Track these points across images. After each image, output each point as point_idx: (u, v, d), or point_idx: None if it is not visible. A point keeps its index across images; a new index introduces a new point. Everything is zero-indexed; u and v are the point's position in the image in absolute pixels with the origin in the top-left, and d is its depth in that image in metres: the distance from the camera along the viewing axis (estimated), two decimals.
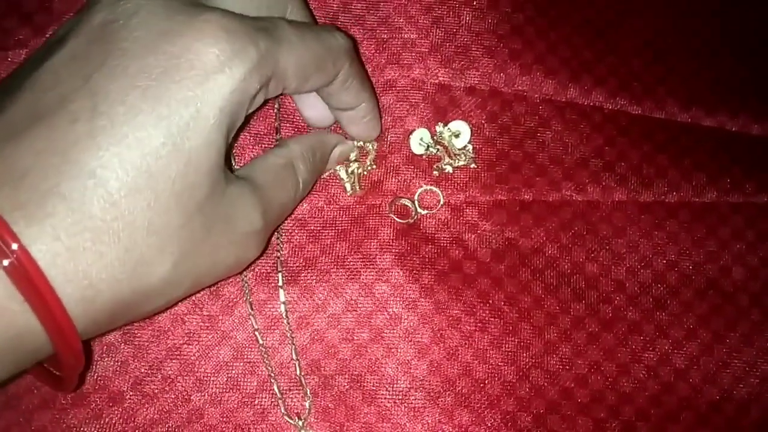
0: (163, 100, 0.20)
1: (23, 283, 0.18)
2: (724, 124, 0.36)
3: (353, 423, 0.29)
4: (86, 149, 0.19)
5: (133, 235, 0.20)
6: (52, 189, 0.19)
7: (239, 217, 0.24)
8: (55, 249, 0.19)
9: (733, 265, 0.33)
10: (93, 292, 0.20)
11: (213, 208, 0.22)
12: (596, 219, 0.33)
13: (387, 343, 0.30)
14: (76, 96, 0.20)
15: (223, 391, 0.29)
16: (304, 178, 0.28)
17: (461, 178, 0.32)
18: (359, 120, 0.30)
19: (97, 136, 0.19)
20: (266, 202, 0.25)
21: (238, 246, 0.24)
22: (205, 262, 0.23)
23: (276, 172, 0.27)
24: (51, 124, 0.19)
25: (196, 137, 0.21)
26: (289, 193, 0.27)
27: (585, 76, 0.35)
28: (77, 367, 0.21)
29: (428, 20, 0.33)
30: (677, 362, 0.32)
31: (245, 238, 0.25)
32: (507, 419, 0.30)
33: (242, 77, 0.21)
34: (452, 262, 0.31)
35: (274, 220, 0.27)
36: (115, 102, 0.20)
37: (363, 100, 0.29)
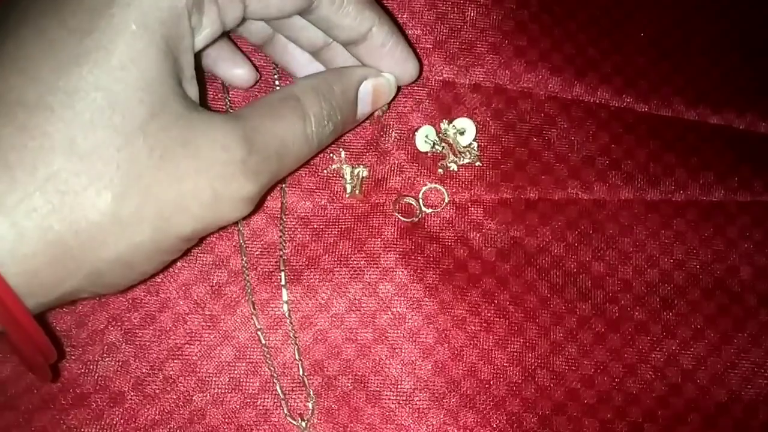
0: (72, 12, 0.19)
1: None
2: (731, 122, 0.35)
3: (357, 424, 0.29)
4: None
5: (51, 157, 0.18)
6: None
7: (206, 141, 0.21)
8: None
9: (740, 265, 0.33)
10: (15, 229, 0.18)
11: (163, 130, 0.20)
12: (603, 218, 0.33)
13: (391, 343, 0.30)
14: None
15: (225, 391, 0.29)
16: (315, 111, 0.24)
17: (466, 176, 0.32)
18: (379, 51, 0.26)
19: (2, 62, 0.18)
20: (253, 130, 0.22)
21: (212, 176, 0.21)
22: (166, 194, 0.20)
23: (270, 105, 0.24)
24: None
25: (115, 47, 0.19)
26: (291, 126, 0.24)
27: (591, 73, 0.34)
28: (29, 339, 0.19)
29: (432, 16, 0.33)
30: (684, 363, 0.31)
31: (221, 166, 0.21)
32: (512, 420, 0.30)
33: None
34: (457, 262, 0.31)
35: (268, 151, 0.23)
36: (20, 26, 0.19)
37: (370, 21, 0.25)
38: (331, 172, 0.31)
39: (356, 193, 0.31)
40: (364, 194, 0.31)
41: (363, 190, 0.31)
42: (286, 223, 0.31)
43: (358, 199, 0.31)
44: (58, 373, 0.28)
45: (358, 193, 0.31)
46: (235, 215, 0.23)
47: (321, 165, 0.31)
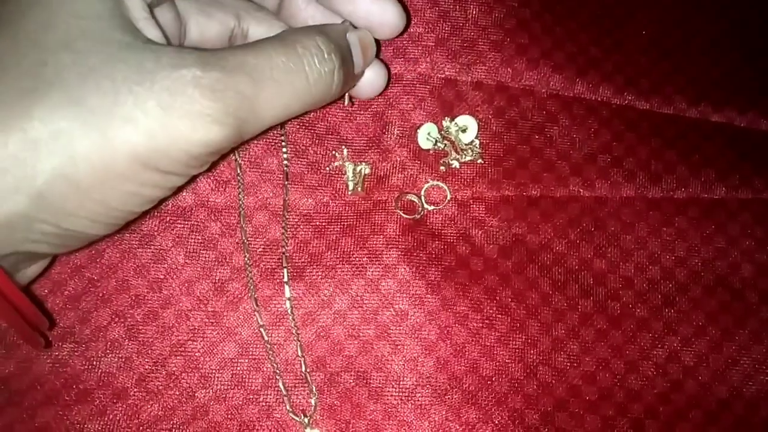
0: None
1: None
2: (732, 120, 0.36)
3: (359, 420, 0.29)
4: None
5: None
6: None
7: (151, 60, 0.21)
8: None
9: (742, 262, 0.33)
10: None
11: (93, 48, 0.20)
12: (604, 215, 0.33)
13: (393, 339, 0.30)
14: None
15: (228, 387, 0.29)
16: (311, 45, 0.24)
17: (468, 174, 0.32)
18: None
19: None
20: (212, 56, 0.22)
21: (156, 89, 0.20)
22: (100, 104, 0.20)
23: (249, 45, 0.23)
24: None
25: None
26: (273, 55, 0.23)
27: (592, 71, 0.34)
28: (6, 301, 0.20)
29: (434, 14, 0.33)
30: (686, 359, 0.31)
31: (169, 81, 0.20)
32: (514, 417, 0.30)
33: None
34: (459, 258, 0.31)
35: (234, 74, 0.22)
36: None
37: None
38: (333, 169, 0.31)
39: (358, 190, 0.31)
40: (366, 191, 0.31)
41: (365, 187, 0.31)
42: (288, 220, 0.31)
43: (360, 196, 0.31)
44: (49, 342, 0.28)
45: (360, 190, 0.31)
46: (198, 135, 0.21)
47: (323, 162, 0.31)
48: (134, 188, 0.22)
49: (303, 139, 0.31)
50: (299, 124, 0.32)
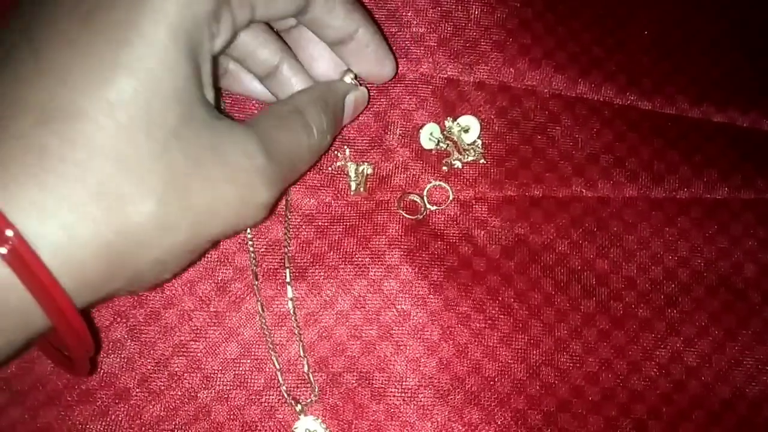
0: (105, 25, 0.19)
1: (17, 266, 0.17)
2: (735, 120, 0.35)
3: (361, 421, 0.29)
4: (33, 85, 0.19)
5: (101, 169, 0.19)
6: (3, 130, 0.18)
7: (232, 149, 0.22)
8: (18, 193, 0.18)
9: (744, 262, 0.33)
10: (69, 236, 0.18)
11: (194, 137, 0.21)
12: (607, 215, 0.33)
13: (396, 340, 0.30)
14: (19, 44, 0.19)
15: (230, 388, 0.29)
16: (317, 124, 0.26)
17: (470, 174, 0.32)
18: (363, 51, 0.28)
19: (42, 71, 0.19)
20: (268, 140, 0.23)
21: (239, 184, 0.22)
22: (201, 199, 0.21)
23: (280, 116, 0.25)
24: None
25: (148, 58, 0.19)
26: (299, 137, 0.25)
27: (595, 71, 0.34)
28: (80, 342, 0.20)
29: (437, 14, 0.33)
30: (689, 360, 0.31)
31: (246, 174, 0.22)
32: (517, 417, 0.30)
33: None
34: (461, 259, 0.31)
35: (283, 162, 0.24)
36: (55, 38, 0.19)
37: (357, 23, 0.27)
38: (335, 169, 0.31)
39: (361, 191, 0.31)
40: (369, 191, 0.31)
41: (367, 187, 0.31)
42: (290, 220, 0.31)
43: (363, 196, 0.31)
44: (96, 366, 0.28)
45: (362, 191, 0.31)
46: (255, 221, 0.24)
47: (326, 162, 0.31)
48: (195, 257, 0.24)
49: None
50: None
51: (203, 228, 0.22)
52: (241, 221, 0.23)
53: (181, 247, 0.22)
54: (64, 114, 0.18)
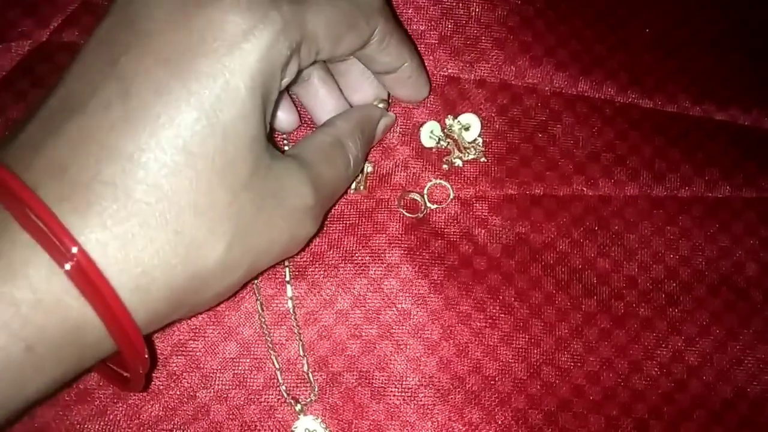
0: (190, 75, 0.20)
1: (83, 284, 0.18)
2: (736, 119, 0.35)
3: (361, 420, 0.29)
4: (122, 133, 0.19)
5: (180, 216, 0.20)
6: (94, 177, 0.19)
7: (288, 192, 0.23)
8: (104, 238, 0.19)
9: (746, 261, 0.33)
10: (147, 279, 0.20)
11: (260, 183, 0.22)
12: (608, 214, 0.32)
13: (396, 339, 0.29)
14: (106, 82, 0.20)
15: (229, 387, 0.29)
16: (354, 155, 0.27)
17: (471, 172, 0.32)
18: (405, 80, 0.29)
19: (130, 119, 0.19)
20: (316, 177, 0.25)
21: (291, 222, 0.24)
22: (260, 240, 0.23)
23: (324, 150, 0.26)
24: (84, 113, 0.19)
25: (229, 110, 0.20)
26: (339, 170, 0.27)
27: (596, 69, 0.34)
28: (140, 362, 0.21)
29: (437, 11, 0.33)
30: (690, 359, 0.31)
31: (298, 213, 0.24)
32: (518, 417, 0.29)
33: (269, 44, 0.21)
34: (462, 258, 0.31)
35: (326, 196, 0.26)
36: (144, 83, 0.20)
37: (405, 58, 0.28)
38: None
39: (360, 189, 0.31)
40: (369, 190, 0.31)
41: (367, 185, 0.31)
42: None
43: (363, 194, 0.31)
44: (150, 382, 0.28)
45: (362, 189, 0.31)
46: (295, 252, 0.26)
47: None
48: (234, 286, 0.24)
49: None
50: (301, 124, 0.31)
51: (259, 265, 0.24)
52: (286, 254, 0.25)
53: (238, 283, 0.23)
54: (150, 164, 0.19)
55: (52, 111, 0.20)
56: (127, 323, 0.19)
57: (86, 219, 0.18)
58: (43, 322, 0.18)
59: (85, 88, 0.20)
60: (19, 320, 0.18)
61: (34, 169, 0.19)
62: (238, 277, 0.23)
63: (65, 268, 0.18)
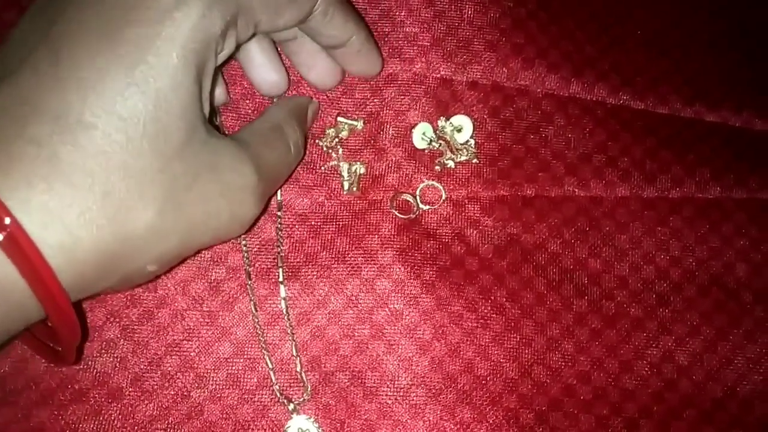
0: (121, 42, 0.20)
1: (12, 252, 0.18)
2: (727, 120, 0.36)
3: (354, 420, 0.29)
4: (49, 94, 0.19)
5: (108, 178, 0.20)
6: (20, 136, 0.19)
7: (227, 167, 0.23)
8: (28, 195, 0.19)
9: (736, 262, 0.33)
10: (72, 238, 0.19)
11: (194, 154, 0.22)
12: (599, 215, 0.33)
13: (388, 339, 0.30)
14: (37, 49, 0.20)
15: (223, 387, 0.29)
16: (294, 141, 0.28)
17: (463, 174, 0.32)
18: (355, 55, 0.29)
19: (60, 81, 0.19)
20: (257, 158, 0.25)
21: (231, 200, 0.24)
22: (195, 212, 0.22)
23: (263, 134, 0.27)
24: (15, 76, 0.20)
25: (160, 77, 0.20)
26: (280, 153, 0.27)
27: (588, 71, 0.34)
28: (71, 333, 0.21)
29: (430, 14, 0.33)
30: (680, 359, 0.32)
31: (239, 192, 0.24)
32: (509, 416, 0.30)
33: (201, 13, 0.21)
34: (454, 258, 0.31)
35: (269, 178, 0.26)
36: (74, 48, 0.20)
37: (351, 31, 0.28)
38: (328, 168, 0.31)
39: (354, 190, 0.31)
40: (362, 191, 0.31)
41: (360, 186, 0.31)
42: (283, 219, 0.31)
43: (356, 195, 0.31)
44: (81, 355, 0.28)
45: (355, 190, 0.31)
46: (239, 233, 0.26)
47: (318, 162, 0.31)
48: (179, 262, 0.25)
49: None
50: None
51: (193, 238, 0.23)
52: (228, 233, 0.25)
53: (170, 254, 0.23)
54: (79, 125, 0.19)
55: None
56: (50, 279, 0.19)
57: (9, 175, 0.18)
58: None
59: (18, 54, 0.20)
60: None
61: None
62: (171, 247, 0.23)
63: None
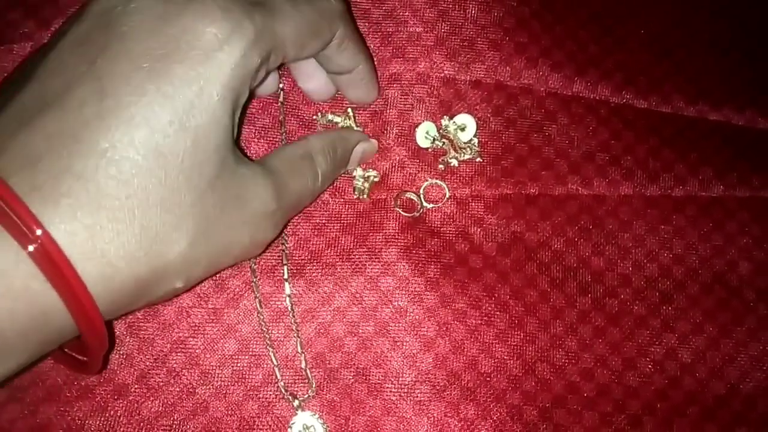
0: (167, 80, 0.20)
1: (46, 266, 0.19)
2: (730, 119, 0.36)
3: (359, 416, 0.29)
4: (96, 130, 0.20)
5: (147, 212, 0.20)
6: (67, 169, 0.19)
7: (251, 196, 0.24)
8: (73, 228, 0.19)
9: (739, 260, 0.33)
10: (112, 270, 0.20)
11: (224, 186, 0.23)
12: (602, 213, 0.33)
13: (392, 336, 0.30)
14: (83, 80, 0.20)
15: (228, 384, 0.29)
16: (323, 171, 0.28)
17: (467, 172, 0.32)
18: (357, 82, 0.30)
19: (105, 117, 0.20)
20: (280, 185, 0.25)
21: (251, 226, 0.25)
22: (220, 240, 0.23)
23: (292, 161, 0.27)
24: (61, 108, 0.20)
25: (201, 115, 0.21)
26: (305, 182, 0.27)
27: (591, 70, 0.34)
28: (101, 347, 0.22)
29: (434, 13, 0.33)
30: (683, 356, 0.32)
31: (259, 218, 0.25)
32: (513, 413, 0.30)
33: (242, 53, 0.22)
34: (458, 256, 0.31)
35: (289, 205, 0.27)
36: (120, 83, 0.20)
37: (359, 61, 0.29)
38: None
39: (363, 197, 0.31)
40: (371, 198, 0.31)
41: (370, 195, 0.31)
42: None
43: (364, 202, 0.31)
44: (106, 364, 0.29)
45: (365, 197, 0.31)
46: (257, 254, 0.27)
47: None
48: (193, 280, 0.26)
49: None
50: (299, 124, 0.32)
51: (219, 262, 0.25)
52: (247, 255, 0.26)
53: (196, 278, 0.24)
54: (123, 161, 0.20)
55: (26, 105, 0.20)
56: (91, 310, 0.20)
57: (57, 209, 0.19)
58: (12, 307, 0.19)
59: (60, 84, 0.20)
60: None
61: (5, 159, 0.19)
62: (197, 273, 0.24)
63: (29, 249, 0.18)
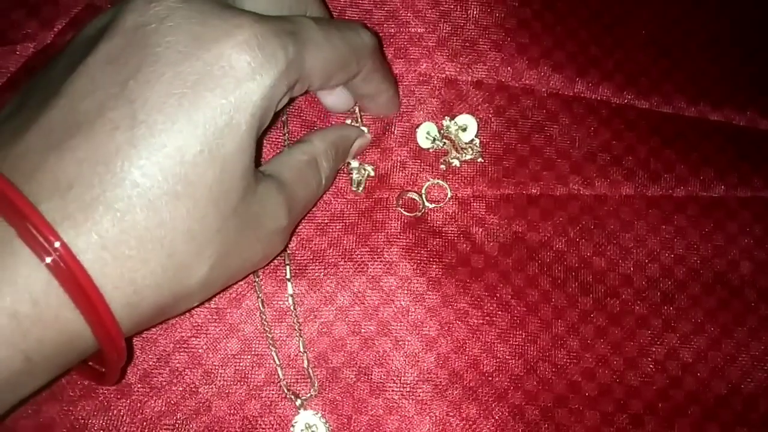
0: (198, 109, 0.20)
1: (78, 296, 0.19)
2: (731, 119, 0.36)
3: (361, 415, 0.29)
4: (128, 158, 0.19)
5: (174, 241, 0.20)
6: (98, 198, 0.19)
7: (268, 216, 0.24)
8: (103, 257, 0.19)
9: (740, 260, 0.33)
10: (138, 298, 0.21)
11: (245, 210, 0.23)
12: (603, 213, 0.33)
13: (394, 336, 0.30)
14: (115, 103, 0.20)
15: (230, 383, 0.29)
16: (326, 175, 0.28)
17: (468, 172, 0.32)
18: (379, 103, 0.31)
19: (137, 145, 0.20)
20: (291, 199, 0.26)
21: (264, 243, 0.25)
22: (237, 261, 0.24)
23: (300, 169, 0.27)
24: (91, 132, 0.20)
25: (230, 144, 0.21)
26: (312, 190, 0.28)
27: (592, 70, 0.35)
28: (120, 361, 0.22)
29: (435, 14, 0.33)
30: (685, 356, 0.32)
31: (272, 235, 0.25)
32: (514, 412, 0.30)
33: (272, 83, 0.21)
34: (459, 256, 0.31)
35: (297, 216, 0.27)
36: (153, 110, 0.20)
37: (382, 90, 0.30)
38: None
39: (359, 190, 0.31)
40: (367, 190, 0.32)
41: (365, 187, 0.32)
42: None
43: (360, 196, 0.31)
44: (124, 375, 0.29)
45: (360, 191, 0.31)
46: (264, 265, 0.28)
47: None
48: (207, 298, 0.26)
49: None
50: (301, 124, 0.32)
51: (232, 281, 0.25)
52: (256, 268, 0.27)
53: (211, 295, 0.25)
54: (154, 190, 0.20)
55: (54, 124, 0.20)
56: (117, 336, 0.20)
57: (87, 237, 0.19)
58: (42, 335, 0.19)
59: (91, 106, 0.20)
60: (20, 334, 0.19)
61: (36, 183, 0.19)
62: (212, 292, 0.24)
63: (46, 261, 0.18)
